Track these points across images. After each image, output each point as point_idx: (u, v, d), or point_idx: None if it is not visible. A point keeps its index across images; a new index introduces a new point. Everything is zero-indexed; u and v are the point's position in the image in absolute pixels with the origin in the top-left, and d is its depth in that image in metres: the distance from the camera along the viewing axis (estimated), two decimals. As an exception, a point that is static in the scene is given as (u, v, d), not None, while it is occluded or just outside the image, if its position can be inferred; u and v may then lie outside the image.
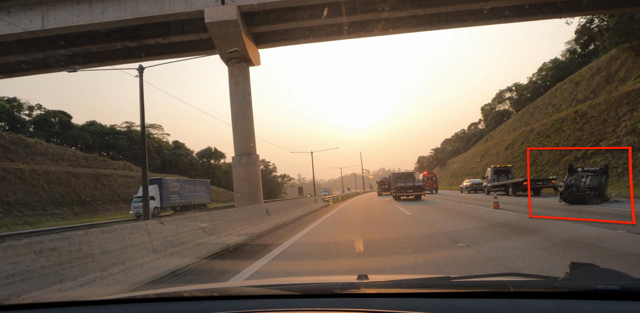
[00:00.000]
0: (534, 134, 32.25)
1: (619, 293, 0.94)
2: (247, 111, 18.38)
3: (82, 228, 12.57)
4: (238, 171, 17.89)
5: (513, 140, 37.56)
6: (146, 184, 12.85)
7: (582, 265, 1.21)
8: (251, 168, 17.83)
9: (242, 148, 17.98)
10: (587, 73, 39.26)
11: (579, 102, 35.12)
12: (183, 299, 1.25)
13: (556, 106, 41.11)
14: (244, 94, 18.37)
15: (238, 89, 18.36)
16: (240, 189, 17.73)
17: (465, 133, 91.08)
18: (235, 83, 18.40)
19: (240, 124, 18.19)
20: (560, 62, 52.62)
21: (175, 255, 4.07)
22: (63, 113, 48.72)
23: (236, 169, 18.01)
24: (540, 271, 3.61)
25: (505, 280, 1.17)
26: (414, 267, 4.20)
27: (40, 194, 28.84)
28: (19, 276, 2.53)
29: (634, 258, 4.10)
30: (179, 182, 29.47)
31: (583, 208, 10.40)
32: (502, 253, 4.65)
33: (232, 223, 6.17)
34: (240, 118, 18.22)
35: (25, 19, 17.76)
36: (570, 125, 25.49)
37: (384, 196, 35.49)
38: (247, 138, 18.13)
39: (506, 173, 21.73)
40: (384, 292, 1.15)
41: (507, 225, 7.78)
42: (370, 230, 8.15)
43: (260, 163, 73.38)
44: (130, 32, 18.61)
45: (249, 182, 17.67)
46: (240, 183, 17.81)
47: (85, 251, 3.05)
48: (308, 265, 4.71)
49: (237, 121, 18.23)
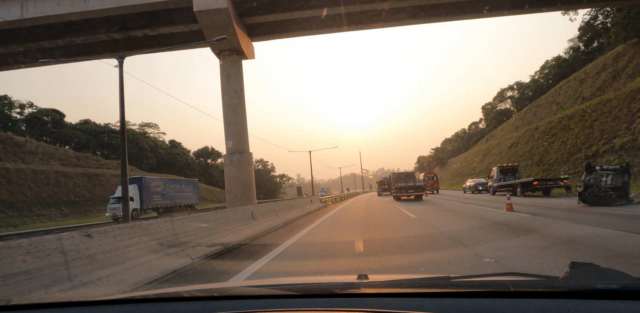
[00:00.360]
0: (539, 133, 31.20)
1: (619, 293, 0.92)
2: (239, 106, 17.31)
3: (61, 231, 11.50)
4: (229, 170, 16.83)
5: (517, 139, 36.49)
6: (126, 184, 11.74)
7: (582, 265, 1.16)
8: (243, 167, 16.75)
9: (233, 146, 16.92)
10: (592, 70, 38.31)
11: (585, 100, 34.22)
12: (183, 299, 1.23)
13: (560, 104, 40.18)
14: (236, 89, 17.30)
15: (230, 83, 17.30)
16: (232, 189, 16.66)
17: (466, 132, 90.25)
18: (227, 77, 17.33)
19: (232, 120, 17.12)
20: (563, 60, 51.61)
21: (102, 282, 2.89)
22: (56, 111, 47.59)
23: (227, 168, 16.94)
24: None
25: (506, 280, 1.15)
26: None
27: (26, 195, 27.71)
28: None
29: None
30: (162, 181, 26.78)
31: (610, 210, 9.34)
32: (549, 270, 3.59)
33: (202, 231, 5.05)
34: (231, 113, 17.16)
35: (2, 9, 16.69)
36: (578, 123, 24.44)
37: (384, 196, 35.04)
38: (239, 134, 17.06)
39: (513, 172, 20.64)
40: (384, 292, 1.12)
41: (533, 231, 6.73)
42: (370, 236, 7.08)
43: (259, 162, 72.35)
44: (116, 23, 17.52)
45: (241, 182, 16.60)
46: (231, 182, 16.74)
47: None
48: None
49: (229, 116, 17.16)
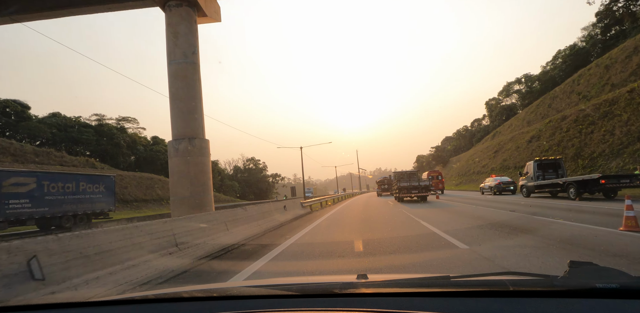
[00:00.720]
0: (569, 122, 26.56)
1: (618, 292, 0.93)
2: (190, 75, 12.54)
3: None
4: (175, 163, 12.04)
5: (538, 131, 31.84)
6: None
7: (581, 264, 1.16)
8: (194, 159, 11.98)
9: (181, 129, 12.15)
10: (619, 55, 33.92)
11: (615, 87, 29.89)
12: (182, 300, 1.23)
13: (583, 93, 35.71)
14: (185, 52, 12.53)
15: (177, 44, 12.52)
16: (178, 190, 11.88)
17: (468, 130, 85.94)
18: (174, 35, 12.55)
19: (180, 94, 12.34)
20: (580, 49, 47.14)
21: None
22: (16, 103, 42.47)
23: (172, 160, 12.15)
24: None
25: (505, 279, 1.13)
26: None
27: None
28: None
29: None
30: (33, 177, 16.01)
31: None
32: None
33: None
34: (180, 84, 12.38)
35: None
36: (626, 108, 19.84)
37: (384, 197, 33.31)
38: (189, 113, 12.29)
39: (555, 168, 15.98)
40: (384, 292, 1.12)
41: None
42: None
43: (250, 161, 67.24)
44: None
45: (190, 180, 11.82)
46: (177, 180, 11.96)
47: None
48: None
49: (176, 88, 12.39)
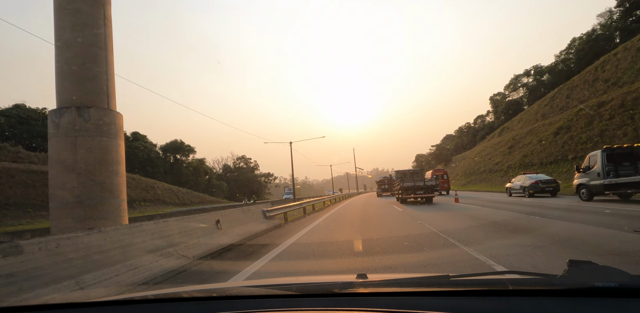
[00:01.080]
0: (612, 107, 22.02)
1: (617, 291, 0.92)
2: (87, 7, 7.84)
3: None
4: (54, 147, 7.34)
5: (567, 122, 27.27)
6: None
7: (580, 263, 1.13)
8: (88, 142, 7.30)
9: (68, 93, 7.48)
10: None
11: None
12: (182, 300, 1.22)
13: (610, 80, 31.36)
14: (82, -30, 7.83)
15: (70, -41, 7.82)
16: (57, 191, 7.19)
17: (471, 127, 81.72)
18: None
19: (70, 37, 7.65)
20: (599, 34, 42.85)
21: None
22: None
23: (51, 142, 7.43)
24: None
25: (504, 278, 1.13)
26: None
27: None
28: None
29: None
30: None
31: None
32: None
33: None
34: (71, 22, 7.69)
35: None
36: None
37: (384, 198, 31.80)
38: (83, 66, 7.59)
39: (633, 160, 11.51)
40: (383, 291, 1.11)
41: None
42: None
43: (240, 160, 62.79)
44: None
45: (78, 174, 7.14)
46: (57, 175, 7.26)
47: None
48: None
49: (63, 28, 7.69)
